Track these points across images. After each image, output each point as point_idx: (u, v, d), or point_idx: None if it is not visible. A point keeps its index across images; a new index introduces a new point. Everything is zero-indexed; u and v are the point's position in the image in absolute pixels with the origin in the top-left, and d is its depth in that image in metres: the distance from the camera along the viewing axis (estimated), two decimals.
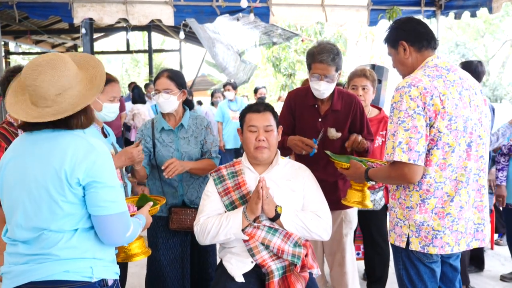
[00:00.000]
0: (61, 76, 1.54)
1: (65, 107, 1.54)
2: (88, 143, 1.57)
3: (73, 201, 1.55)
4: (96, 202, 1.56)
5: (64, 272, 1.55)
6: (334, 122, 2.68)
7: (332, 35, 14.16)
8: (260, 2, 5.43)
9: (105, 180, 1.56)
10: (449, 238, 1.93)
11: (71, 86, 1.56)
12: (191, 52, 19.66)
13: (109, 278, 1.65)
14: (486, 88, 19.41)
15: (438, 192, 1.92)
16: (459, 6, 5.62)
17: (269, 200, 2.19)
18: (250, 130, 2.33)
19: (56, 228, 1.55)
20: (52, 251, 1.54)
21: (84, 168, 1.52)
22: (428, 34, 2.05)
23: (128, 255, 2.04)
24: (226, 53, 9.55)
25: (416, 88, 1.88)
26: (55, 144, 1.56)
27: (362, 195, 2.44)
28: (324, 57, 2.53)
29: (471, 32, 21.57)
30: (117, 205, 1.59)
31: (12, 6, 5.00)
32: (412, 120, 1.86)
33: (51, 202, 1.53)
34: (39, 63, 1.54)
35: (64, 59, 1.58)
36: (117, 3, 5.22)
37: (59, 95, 1.54)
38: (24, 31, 11.40)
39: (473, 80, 2.06)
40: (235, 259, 2.24)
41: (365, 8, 5.67)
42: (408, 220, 1.97)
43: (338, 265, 2.86)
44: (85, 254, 1.58)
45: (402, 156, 1.86)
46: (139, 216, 1.87)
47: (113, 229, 1.59)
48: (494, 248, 4.65)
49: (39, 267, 1.54)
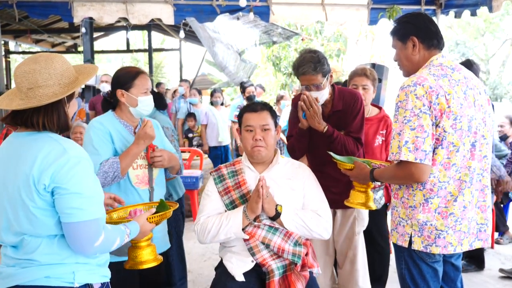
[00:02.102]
0: (37, 71, 1.52)
1: (32, 103, 1.51)
2: (61, 147, 1.53)
3: (43, 207, 1.51)
4: (61, 209, 1.51)
5: (45, 278, 1.53)
6: (337, 123, 2.69)
7: (332, 34, 14.13)
8: (260, 1, 5.42)
9: (71, 186, 1.50)
10: (452, 238, 1.92)
11: (47, 85, 1.53)
12: (191, 51, 19.59)
13: (94, 282, 1.62)
14: (486, 87, 19.36)
15: (442, 192, 1.91)
16: (459, 5, 5.62)
17: (269, 199, 2.19)
18: (247, 129, 2.33)
19: (34, 233, 1.52)
20: (33, 256, 1.52)
21: (51, 173, 1.48)
22: (437, 34, 2.03)
23: (136, 262, 1.96)
24: (226, 52, 9.54)
25: (422, 87, 1.87)
26: (28, 148, 1.53)
27: (365, 196, 2.42)
28: (306, 68, 2.54)
29: (471, 31, 21.54)
30: (83, 213, 1.51)
31: (12, 5, 5.00)
32: (418, 119, 1.85)
33: (24, 207, 1.50)
34: (32, 56, 1.57)
35: (52, 58, 1.56)
36: (117, 2, 5.22)
37: (31, 90, 1.52)
38: (24, 30, 11.39)
39: (477, 79, 2.05)
40: (235, 258, 2.24)
41: (365, 7, 5.67)
42: (411, 220, 1.96)
43: (350, 262, 2.85)
44: (66, 260, 1.56)
45: (408, 155, 1.85)
46: (129, 224, 1.77)
47: (79, 237, 1.52)
48: (494, 247, 4.65)
49: (23, 272, 1.53)
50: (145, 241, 1.97)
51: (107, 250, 1.63)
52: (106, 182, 2.20)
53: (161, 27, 11.49)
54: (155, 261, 2.00)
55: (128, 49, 13.91)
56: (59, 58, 1.59)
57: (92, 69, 1.69)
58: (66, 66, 1.59)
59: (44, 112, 1.54)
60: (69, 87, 1.57)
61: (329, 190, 2.51)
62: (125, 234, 1.70)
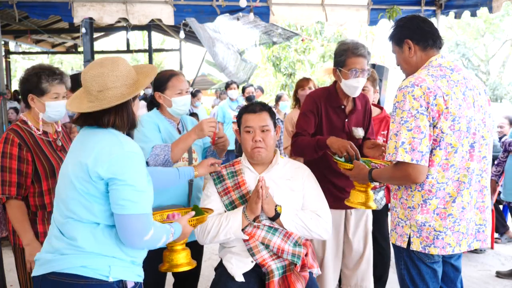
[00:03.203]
0: (105, 74, 1.61)
1: (104, 105, 1.61)
2: (117, 140, 1.62)
3: (93, 193, 1.59)
4: (116, 200, 1.57)
5: (82, 267, 1.56)
6: (357, 121, 2.69)
7: (332, 34, 14.16)
8: (260, 2, 5.42)
9: (127, 178, 1.57)
10: (450, 238, 1.92)
11: (115, 87, 1.63)
12: (191, 52, 19.61)
13: (128, 279, 1.64)
14: (486, 87, 19.41)
15: (440, 193, 1.91)
16: (459, 6, 5.61)
17: (269, 200, 2.19)
18: (247, 131, 2.33)
19: (78, 218, 1.59)
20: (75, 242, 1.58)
21: (106, 164, 1.56)
22: (433, 33, 2.03)
23: (172, 265, 2.03)
24: (226, 52, 9.54)
25: (420, 88, 1.87)
26: (89, 139, 1.64)
27: (365, 196, 2.43)
28: (362, 50, 2.51)
29: (471, 32, 21.54)
30: (137, 206, 1.58)
31: (12, 6, 4.99)
32: (415, 120, 1.85)
33: (75, 191, 1.59)
34: (96, 60, 1.68)
35: (116, 61, 1.66)
36: (117, 3, 5.22)
37: (100, 92, 1.62)
38: (24, 31, 11.39)
39: (477, 80, 2.05)
40: (235, 258, 2.24)
41: (365, 8, 5.66)
42: (409, 220, 1.97)
43: (366, 261, 2.85)
44: (104, 251, 1.60)
45: (405, 156, 1.85)
46: (173, 224, 1.83)
47: (131, 229, 1.58)
48: (494, 248, 4.65)
49: (61, 258, 1.58)
50: (180, 245, 2.04)
51: (154, 246, 1.69)
52: (157, 165, 2.28)
53: (161, 27, 11.49)
54: (189, 264, 2.06)
55: (128, 49, 13.90)
56: (122, 60, 1.69)
57: (151, 69, 1.77)
58: (129, 68, 1.69)
59: (115, 112, 1.65)
60: (133, 87, 1.67)
61: (344, 190, 2.54)
62: (170, 233, 1.77)
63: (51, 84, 2.31)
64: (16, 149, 2.24)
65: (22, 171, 2.25)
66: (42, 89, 2.30)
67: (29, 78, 2.32)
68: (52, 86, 2.32)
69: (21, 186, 2.25)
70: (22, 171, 2.25)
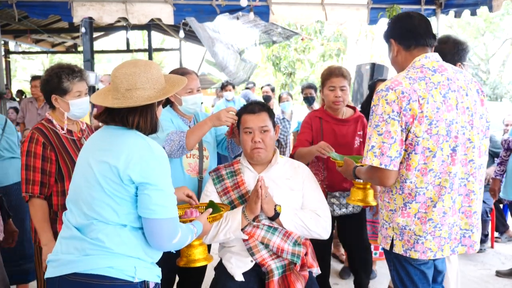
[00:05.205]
0: (137, 74, 1.62)
1: (129, 103, 1.61)
2: (146, 144, 1.61)
3: (122, 196, 1.58)
4: (146, 205, 1.57)
5: (108, 268, 1.55)
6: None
7: (332, 33, 14.14)
8: (260, 1, 5.42)
9: (158, 183, 1.57)
10: (431, 243, 1.89)
11: (143, 88, 1.62)
12: (191, 51, 19.57)
13: (151, 280, 1.65)
14: (486, 86, 19.37)
15: (420, 197, 1.88)
16: (459, 5, 5.61)
17: (268, 199, 2.19)
18: (246, 131, 2.33)
19: (104, 219, 1.58)
20: (103, 243, 1.56)
21: (138, 168, 1.55)
22: (416, 32, 1.96)
23: (190, 260, 2.06)
24: (226, 52, 9.53)
25: (394, 92, 1.83)
26: (115, 140, 1.62)
27: (364, 193, 2.44)
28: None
29: (471, 31, 21.52)
30: (167, 210, 1.59)
31: (12, 5, 5.00)
32: (386, 125, 1.83)
33: (102, 193, 1.57)
34: (130, 60, 1.70)
35: (150, 64, 1.67)
36: (116, 2, 5.22)
37: (128, 91, 1.61)
38: (24, 30, 11.40)
39: (467, 80, 1.96)
40: (234, 258, 2.24)
41: (365, 7, 5.67)
42: (392, 223, 1.96)
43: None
44: (131, 253, 1.59)
45: (373, 160, 1.85)
46: (195, 223, 1.85)
47: (160, 233, 1.59)
48: (494, 247, 4.65)
49: (85, 259, 1.56)
50: (197, 240, 2.05)
51: (180, 247, 1.72)
52: (172, 150, 2.32)
53: (161, 27, 11.49)
54: (206, 260, 2.08)
55: (128, 49, 13.91)
56: (155, 65, 1.70)
57: (180, 79, 1.77)
58: (160, 74, 1.70)
59: (140, 112, 1.65)
60: (161, 92, 1.67)
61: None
62: (193, 233, 1.79)
63: (72, 82, 2.32)
64: (40, 148, 2.25)
65: (46, 170, 2.26)
66: (64, 89, 2.31)
67: (49, 79, 2.32)
68: (73, 84, 2.32)
69: (44, 185, 2.26)
70: (46, 170, 2.25)
